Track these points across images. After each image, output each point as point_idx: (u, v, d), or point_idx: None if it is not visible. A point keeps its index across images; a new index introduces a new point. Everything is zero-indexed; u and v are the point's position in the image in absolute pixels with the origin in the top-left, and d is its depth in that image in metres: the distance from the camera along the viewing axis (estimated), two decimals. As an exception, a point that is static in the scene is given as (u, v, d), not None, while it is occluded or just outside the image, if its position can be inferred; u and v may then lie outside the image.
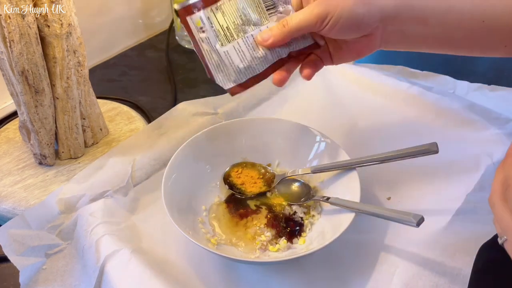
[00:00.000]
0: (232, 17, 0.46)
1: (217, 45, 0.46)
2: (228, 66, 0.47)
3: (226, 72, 0.48)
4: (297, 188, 0.59)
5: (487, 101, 0.72)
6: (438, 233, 0.51)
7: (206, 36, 0.46)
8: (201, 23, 0.45)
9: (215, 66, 0.47)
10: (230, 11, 0.46)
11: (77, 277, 0.51)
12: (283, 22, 0.45)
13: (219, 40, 0.46)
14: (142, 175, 0.62)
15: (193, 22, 0.45)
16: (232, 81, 0.48)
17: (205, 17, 0.45)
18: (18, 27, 0.53)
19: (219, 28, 0.46)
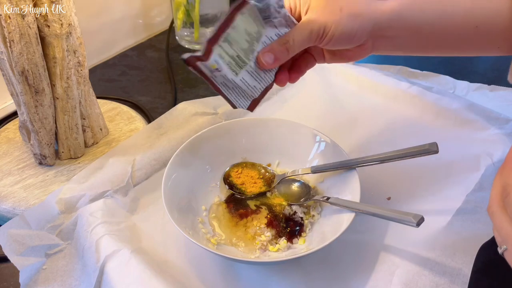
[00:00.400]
0: (239, 43, 0.47)
1: (232, 77, 0.47)
2: (245, 89, 0.49)
3: (244, 95, 0.50)
4: (297, 188, 0.59)
5: (487, 101, 0.72)
6: (438, 233, 0.51)
7: (222, 74, 0.46)
8: (217, 65, 0.45)
9: (233, 93, 0.49)
10: (236, 38, 0.46)
11: (77, 277, 0.51)
12: (286, 44, 0.46)
13: (233, 71, 0.47)
14: (142, 175, 0.62)
15: (208, 67, 0.46)
16: (250, 100, 0.50)
17: (217, 56, 0.45)
18: (18, 27, 0.53)
19: (230, 60, 0.46)
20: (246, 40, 0.47)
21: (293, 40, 0.46)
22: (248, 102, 0.51)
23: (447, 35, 0.48)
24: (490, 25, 0.46)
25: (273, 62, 0.47)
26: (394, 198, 0.59)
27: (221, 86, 0.48)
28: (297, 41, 0.46)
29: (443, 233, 0.51)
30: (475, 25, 0.46)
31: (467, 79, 0.77)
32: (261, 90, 0.50)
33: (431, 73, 0.80)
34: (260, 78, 0.49)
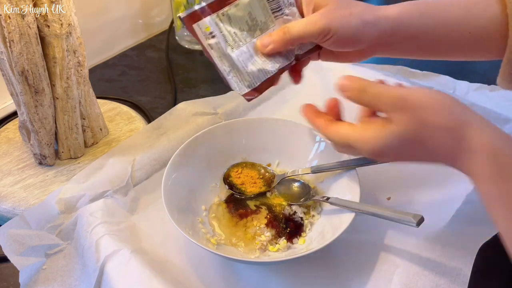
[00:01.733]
0: (239, 23, 0.46)
1: (228, 50, 0.45)
2: (242, 71, 0.46)
3: (240, 78, 0.47)
4: (297, 188, 0.59)
5: (487, 101, 0.72)
6: (438, 233, 0.51)
7: (216, 41, 0.45)
8: (211, 28, 0.44)
9: (228, 71, 0.47)
10: (237, 17, 0.45)
11: (77, 277, 0.51)
12: (284, 29, 0.46)
13: (229, 45, 0.45)
14: (142, 175, 0.62)
15: (201, 28, 0.44)
16: (246, 86, 0.47)
17: (213, 22, 0.44)
18: (18, 27, 0.53)
19: (227, 34, 0.45)
20: (247, 23, 0.46)
21: (296, 30, 0.45)
22: (245, 89, 0.47)
23: (442, 40, 0.49)
24: (482, 31, 0.47)
25: (268, 44, 0.46)
26: (394, 198, 0.59)
27: (216, 60, 0.46)
28: (299, 32, 0.45)
29: (443, 233, 0.51)
30: (469, 31, 0.47)
31: (467, 79, 0.77)
32: (260, 80, 0.47)
33: (431, 73, 0.79)
34: (258, 64, 0.47)
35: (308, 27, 0.45)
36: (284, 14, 0.47)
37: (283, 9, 0.47)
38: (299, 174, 0.58)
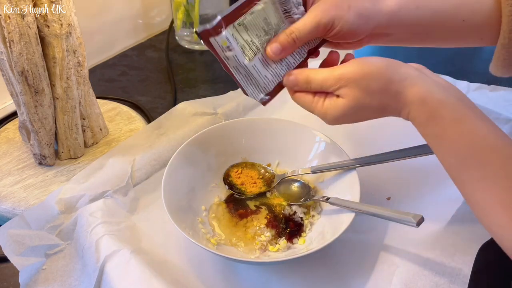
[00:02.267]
0: (256, 30, 0.46)
1: (245, 61, 0.46)
2: (257, 78, 0.48)
3: (256, 84, 0.48)
4: (297, 188, 0.59)
5: (487, 101, 0.72)
6: (438, 233, 0.51)
7: (233, 54, 0.45)
8: (228, 42, 0.45)
9: (245, 80, 0.48)
10: (253, 25, 0.46)
11: (77, 277, 0.51)
12: (292, 35, 0.47)
13: (245, 55, 0.46)
14: (142, 175, 0.62)
15: (219, 43, 0.45)
16: (261, 91, 0.49)
17: (229, 35, 0.45)
18: (18, 27, 0.53)
19: (244, 44, 0.46)
20: (263, 29, 0.47)
21: (299, 31, 0.47)
22: (260, 94, 0.49)
23: (437, 28, 0.51)
24: (475, 18, 0.49)
25: (280, 52, 0.47)
26: (394, 198, 0.59)
27: (233, 70, 0.47)
28: (303, 31, 0.46)
29: (443, 233, 0.51)
30: (462, 19, 0.50)
31: (467, 79, 0.77)
32: (274, 84, 0.49)
33: (431, 73, 0.79)
34: (272, 69, 0.48)
35: (313, 27, 0.46)
36: (294, 13, 0.48)
37: (293, 9, 0.47)
38: (299, 174, 0.58)
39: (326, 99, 0.46)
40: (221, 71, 0.94)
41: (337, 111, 0.45)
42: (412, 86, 0.43)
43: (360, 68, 0.44)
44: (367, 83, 0.43)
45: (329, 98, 0.46)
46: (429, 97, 0.42)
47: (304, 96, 0.48)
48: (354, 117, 0.46)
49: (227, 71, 0.47)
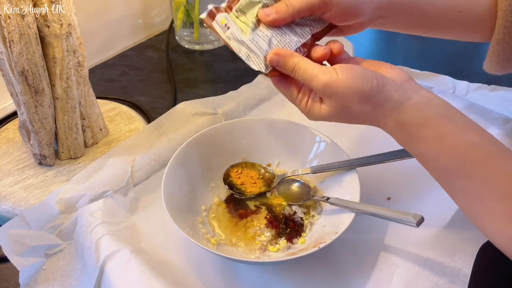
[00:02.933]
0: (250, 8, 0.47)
1: (242, 36, 0.47)
2: (258, 52, 0.47)
3: (259, 60, 0.48)
4: (297, 188, 0.59)
5: (487, 101, 0.72)
6: (438, 233, 0.51)
7: (232, 31, 0.47)
8: (225, 20, 0.47)
9: (246, 56, 0.48)
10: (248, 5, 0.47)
11: (77, 277, 0.51)
12: (286, 1, 0.46)
13: (243, 32, 0.47)
14: (142, 175, 0.62)
15: (218, 23, 0.47)
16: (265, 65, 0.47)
17: (227, 15, 0.47)
18: (18, 27, 0.53)
19: (239, 23, 0.47)
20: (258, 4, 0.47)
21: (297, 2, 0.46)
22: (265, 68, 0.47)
23: (434, 17, 0.51)
24: (471, 10, 0.50)
25: (270, 14, 0.46)
26: (394, 198, 0.59)
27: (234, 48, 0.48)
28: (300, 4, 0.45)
29: (443, 233, 0.51)
30: (459, 10, 0.50)
31: (467, 79, 0.77)
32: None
33: (431, 73, 0.80)
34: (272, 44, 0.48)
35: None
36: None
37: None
38: (299, 174, 0.58)
39: (310, 100, 0.46)
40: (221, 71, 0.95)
41: (319, 114, 0.46)
42: (390, 112, 0.43)
43: (347, 83, 0.43)
44: (349, 101, 0.44)
45: (314, 100, 0.46)
46: (407, 122, 0.43)
47: (289, 89, 0.47)
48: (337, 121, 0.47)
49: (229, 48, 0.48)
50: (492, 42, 0.50)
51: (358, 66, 0.45)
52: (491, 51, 0.51)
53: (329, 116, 0.46)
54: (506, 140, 0.64)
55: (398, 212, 0.47)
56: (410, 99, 0.43)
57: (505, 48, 0.50)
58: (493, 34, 0.50)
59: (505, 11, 0.48)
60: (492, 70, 0.53)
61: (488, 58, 0.52)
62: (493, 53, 0.50)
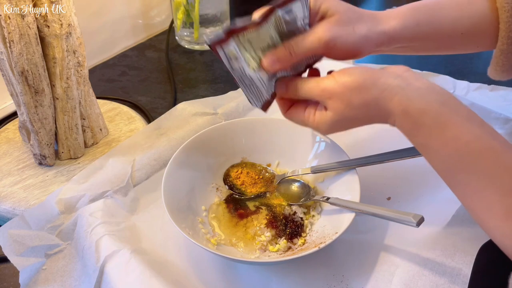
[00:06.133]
0: (260, 44, 0.47)
1: (248, 71, 0.47)
2: (260, 88, 0.49)
3: (259, 94, 0.50)
4: (297, 188, 0.59)
5: (487, 101, 0.72)
6: (438, 233, 0.51)
7: (239, 65, 0.46)
8: (235, 53, 0.46)
9: (248, 89, 0.49)
10: (258, 40, 0.46)
11: (77, 277, 0.51)
12: (290, 49, 0.47)
13: (250, 66, 0.47)
14: (142, 175, 0.62)
15: (225, 52, 0.45)
16: (264, 100, 0.51)
17: (236, 46, 0.45)
18: (18, 28, 0.53)
19: (248, 56, 0.47)
20: (268, 44, 0.47)
21: (297, 45, 0.47)
22: (260, 104, 0.51)
23: (436, 44, 0.53)
24: (473, 30, 0.51)
25: (273, 64, 0.47)
26: (394, 198, 0.59)
27: (238, 80, 0.48)
28: (302, 46, 0.47)
29: (443, 233, 0.51)
30: (461, 32, 0.51)
31: (467, 79, 0.77)
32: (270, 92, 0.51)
33: (431, 73, 0.80)
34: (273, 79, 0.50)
35: (313, 45, 0.47)
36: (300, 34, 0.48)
37: (300, 30, 0.47)
38: (299, 174, 0.58)
39: (317, 113, 0.47)
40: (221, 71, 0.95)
41: (326, 123, 0.47)
42: (392, 98, 0.43)
43: (341, 82, 0.45)
44: (349, 98, 0.44)
45: (319, 111, 0.47)
46: (410, 106, 0.43)
47: (296, 113, 0.49)
48: (345, 127, 0.48)
49: (234, 81, 0.48)
50: (495, 53, 0.51)
51: (353, 67, 0.46)
52: (495, 61, 0.51)
53: (336, 121, 0.46)
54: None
55: (398, 212, 0.47)
56: (410, 85, 0.44)
57: (509, 58, 0.50)
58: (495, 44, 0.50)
59: (507, 23, 0.48)
60: (496, 77, 0.53)
61: (492, 66, 0.52)
62: (497, 63, 0.51)
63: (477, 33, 0.51)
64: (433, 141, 0.42)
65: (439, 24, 0.50)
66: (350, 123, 0.47)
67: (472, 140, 0.40)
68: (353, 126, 0.48)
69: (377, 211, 0.49)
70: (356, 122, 0.47)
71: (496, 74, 0.52)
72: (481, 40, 0.51)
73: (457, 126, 0.41)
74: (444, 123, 0.41)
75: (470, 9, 0.50)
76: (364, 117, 0.46)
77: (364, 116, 0.46)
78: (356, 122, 0.47)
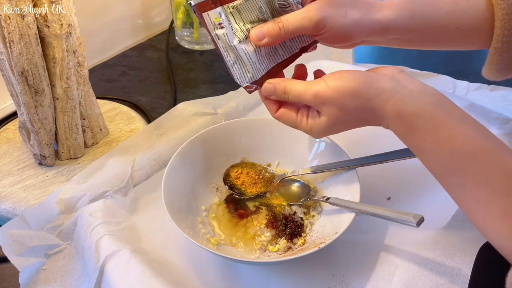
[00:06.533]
0: (249, 16, 0.46)
1: (234, 41, 0.46)
2: (246, 63, 0.47)
3: (244, 70, 0.48)
4: (297, 188, 0.59)
5: (487, 101, 0.72)
6: (438, 233, 0.51)
7: (224, 32, 0.45)
8: (220, 19, 0.45)
9: (232, 63, 0.47)
10: (247, 10, 0.46)
11: (77, 277, 0.51)
12: (279, 24, 0.46)
13: (236, 36, 0.46)
14: (142, 175, 0.62)
15: (211, 18, 0.45)
16: (248, 78, 0.48)
17: (223, 13, 0.45)
18: (18, 28, 0.53)
19: (235, 26, 0.46)
20: (257, 17, 0.46)
21: (287, 21, 0.46)
22: (246, 81, 0.48)
23: (430, 37, 0.52)
24: (468, 25, 0.50)
25: (262, 38, 0.46)
26: (394, 198, 0.59)
27: (222, 50, 0.47)
28: (292, 23, 0.46)
29: (443, 233, 0.51)
30: (455, 26, 0.50)
31: (467, 79, 0.77)
32: (262, 72, 0.48)
33: (431, 73, 0.80)
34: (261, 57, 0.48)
35: (304, 23, 0.45)
36: (292, 10, 0.47)
37: (291, 6, 0.47)
38: (299, 174, 0.58)
39: (309, 118, 0.47)
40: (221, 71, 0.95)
41: (320, 128, 0.47)
42: (387, 101, 0.43)
43: (335, 86, 0.44)
44: (343, 102, 0.44)
45: (312, 116, 0.47)
46: (403, 109, 0.42)
47: (288, 114, 0.48)
48: (339, 130, 0.48)
49: (217, 51, 0.47)
50: (490, 51, 0.50)
51: (346, 70, 0.45)
52: (489, 60, 0.51)
53: (330, 126, 0.46)
54: (506, 140, 0.64)
55: (398, 212, 0.47)
56: (404, 87, 0.44)
57: (504, 57, 0.49)
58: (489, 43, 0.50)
59: (502, 21, 0.48)
60: (491, 77, 0.52)
61: (487, 66, 0.51)
62: (492, 62, 0.50)
63: (472, 29, 0.50)
64: (428, 143, 0.42)
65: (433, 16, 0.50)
66: (344, 126, 0.47)
67: (467, 141, 0.40)
68: (347, 129, 0.48)
69: (377, 211, 0.49)
70: (350, 125, 0.47)
71: (491, 74, 0.52)
72: (476, 37, 0.51)
73: (451, 127, 0.41)
74: (438, 125, 0.41)
75: (466, 4, 0.50)
76: (358, 120, 0.46)
77: (358, 120, 0.46)
78: (349, 125, 0.47)
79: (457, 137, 0.41)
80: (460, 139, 0.40)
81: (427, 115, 0.42)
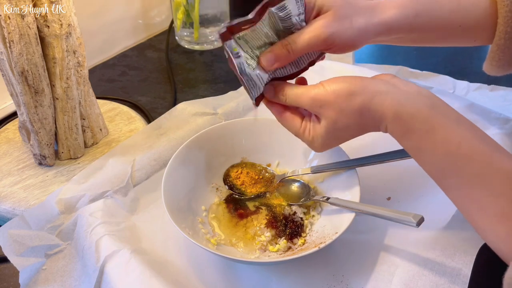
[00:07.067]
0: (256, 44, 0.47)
1: (248, 69, 0.47)
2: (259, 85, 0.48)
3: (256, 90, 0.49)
4: (297, 188, 0.59)
5: (487, 101, 0.72)
6: (438, 233, 0.51)
7: (240, 61, 0.47)
8: (237, 49, 0.46)
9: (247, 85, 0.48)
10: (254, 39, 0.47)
11: (77, 278, 0.51)
12: (287, 46, 0.47)
13: (248, 64, 0.47)
14: (142, 175, 0.62)
15: (229, 48, 0.46)
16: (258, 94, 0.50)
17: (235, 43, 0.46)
18: (17, 28, 0.53)
19: (245, 54, 0.47)
20: (265, 42, 0.47)
21: (295, 42, 0.46)
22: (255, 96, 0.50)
23: (434, 35, 0.52)
24: (471, 22, 0.50)
25: (273, 62, 0.47)
26: (394, 198, 0.59)
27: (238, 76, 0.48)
28: (300, 44, 0.46)
29: (443, 233, 0.51)
30: (459, 24, 0.50)
31: (467, 79, 0.77)
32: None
33: (431, 73, 0.80)
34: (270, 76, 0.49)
35: (311, 42, 0.46)
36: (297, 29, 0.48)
37: (296, 26, 0.47)
38: (299, 174, 0.58)
39: (311, 127, 0.48)
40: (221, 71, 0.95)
41: (321, 135, 0.47)
42: (383, 103, 0.43)
43: (331, 89, 0.45)
44: (340, 105, 0.45)
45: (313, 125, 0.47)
46: (400, 111, 0.43)
47: (292, 121, 0.49)
48: (339, 138, 0.48)
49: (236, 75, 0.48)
50: (492, 47, 0.51)
51: (342, 76, 0.46)
52: (491, 56, 0.51)
53: (330, 132, 0.46)
54: (506, 140, 0.64)
55: (398, 212, 0.47)
56: (400, 89, 0.44)
57: (506, 53, 0.50)
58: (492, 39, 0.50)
59: (505, 17, 0.48)
60: (492, 72, 0.53)
61: (488, 61, 0.52)
62: (493, 58, 0.51)
63: (475, 26, 0.50)
64: (424, 145, 0.42)
65: (437, 15, 0.50)
66: (344, 133, 0.47)
67: (462, 143, 0.40)
68: (347, 136, 0.48)
69: (377, 211, 0.49)
70: (350, 132, 0.47)
71: (492, 69, 0.52)
72: (478, 34, 0.51)
73: (446, 129, 0.41)
74: (433, 127, 0.41)
75: (469, 1, 0.50)
76: (357, 125, 0.46)
77: (357, 124, 0.46)
78: (349, 132, 0.47)
79: (452, 139, 0.41)
80: (456, 141, 0.41)
81: (423, 117, 0.42)
